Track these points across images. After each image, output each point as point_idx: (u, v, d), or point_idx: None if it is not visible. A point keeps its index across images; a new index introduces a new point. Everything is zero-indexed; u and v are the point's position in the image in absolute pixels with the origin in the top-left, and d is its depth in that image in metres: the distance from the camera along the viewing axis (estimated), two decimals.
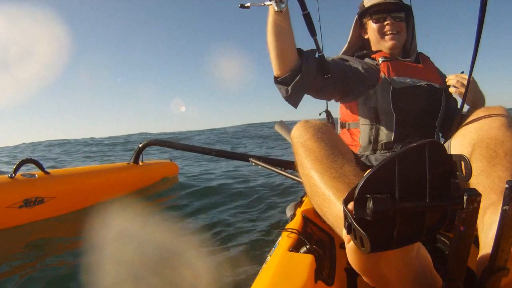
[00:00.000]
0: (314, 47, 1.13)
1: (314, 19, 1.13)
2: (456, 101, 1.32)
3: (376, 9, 1.21)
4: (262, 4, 0.98)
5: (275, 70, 1.10)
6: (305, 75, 1.07)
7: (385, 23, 1.21)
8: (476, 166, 0.70)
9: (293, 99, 1.12)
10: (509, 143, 0.73)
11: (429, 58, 1.33)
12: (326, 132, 0.81)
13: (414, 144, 0.39)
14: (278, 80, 1.11)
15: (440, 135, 1.27)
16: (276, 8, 0.96)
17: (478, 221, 0.62)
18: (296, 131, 0.84)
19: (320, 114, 1.98)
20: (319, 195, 0.67)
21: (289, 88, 1.09)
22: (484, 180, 0.67)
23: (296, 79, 1.07)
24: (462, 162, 0.39)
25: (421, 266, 0.47)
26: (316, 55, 1.14)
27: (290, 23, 1.02)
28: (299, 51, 1.09)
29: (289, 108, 1.18)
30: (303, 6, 1.07)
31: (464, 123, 0.89)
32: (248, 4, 1.01)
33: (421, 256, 0.48)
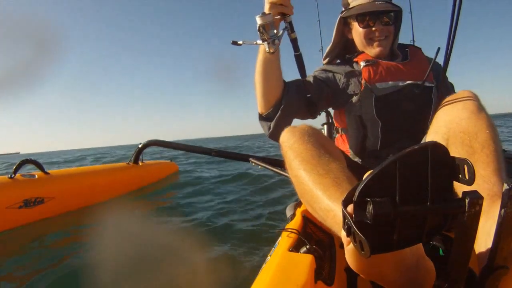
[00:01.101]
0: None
1: (314, 18, 1.13)
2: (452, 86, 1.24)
3: (363, 12, 1.12)
4: (255, 43, 0.98)
5: (260, 108, 1.10)
6: (286, 109, 1.08)
7: (373, 29, 1.12)
8: None
9: (276, 136, 1.10)
10: (482, 133, 0.70)
11: (420, 49, 1.25)
12: (313, 134, 0.82)
13: (416, 147, 0.38)
14: (262, 117, 1.12)
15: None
16: (267, 49, 0.95)
17: None
18: (283, 136, 0.86)
19: (319, 114, 1.98)
20: (308, 192, 0.68)
21: (271, 124, 1.10)
22: None
23: (277, 115, 1.08)
24: (465, 166, 0.38)
25: (412, 254, 0.48)
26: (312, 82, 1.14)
27: (279, 63, 1.02)
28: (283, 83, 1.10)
29: None
30: (296, 47, 1.07)
31: (434, 117, 0.85)
32: (241, 42, 1.02)
33: (424, 258, 0.49)
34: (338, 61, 1.29)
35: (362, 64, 1.13)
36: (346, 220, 0.39)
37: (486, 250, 0.53)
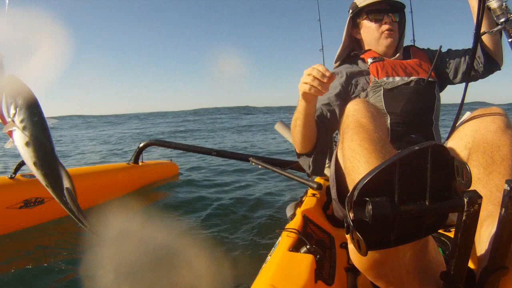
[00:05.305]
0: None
1: (314, 19, 1.13)
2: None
3: (374, 8, 1.20)
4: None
5: (299, 150, 1.17)
6: (321, 149, 1.15)
7: (383, 22, 1.20)
8: (472, 173, 0.70)
9: (317, 171, 1.20)
10: (505, 147, 0.72)
11: (421, 49, 1.31)
12: (379, 118, 0.81)
13: (417, 148, 0.38)
14: (300, 155, 1.19)
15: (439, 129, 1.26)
16: None
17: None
18: (355, 105, 0.83)
19: None
20: (359, 172, 0.64)
21: (310, 163, 1.17)
22: (481, 190, 0.66)
23: (313, 157, 1.16)
24: (464, 170, 0.39)
25: (429, 262, 0.48)
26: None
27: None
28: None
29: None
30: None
31: (461, 124, 0.88)
32: None
33: (429, 254, 0.49)
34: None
35: (369, 61, 1.20)
36: (346, 219, 0.39)
37: (487, 252, 0.53)
